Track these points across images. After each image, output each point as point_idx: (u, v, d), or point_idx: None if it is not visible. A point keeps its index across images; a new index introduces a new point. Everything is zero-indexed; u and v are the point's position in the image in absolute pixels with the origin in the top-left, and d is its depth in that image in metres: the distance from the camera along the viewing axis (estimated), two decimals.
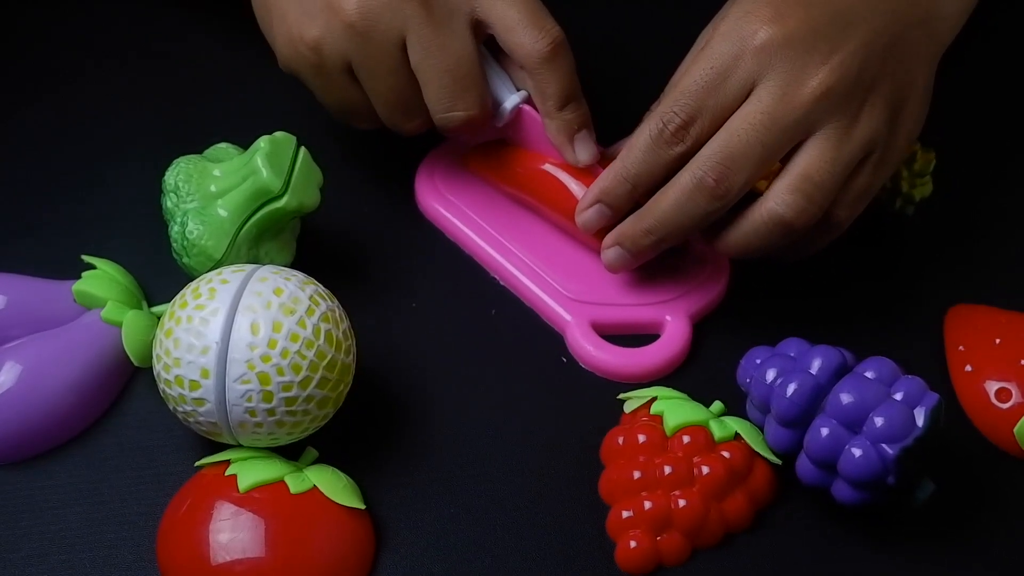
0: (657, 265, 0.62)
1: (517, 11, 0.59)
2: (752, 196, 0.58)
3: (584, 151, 0.61)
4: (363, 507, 0.55)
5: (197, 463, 0.56)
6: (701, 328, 0.62)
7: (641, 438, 0.56)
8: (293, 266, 0.60)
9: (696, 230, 0.59)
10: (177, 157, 0.61)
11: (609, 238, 0.60)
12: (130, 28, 0.73)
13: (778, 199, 0.57)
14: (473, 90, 0.59)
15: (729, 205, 0.57)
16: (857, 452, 0.52)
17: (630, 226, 0.60)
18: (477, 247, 0.64)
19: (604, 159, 0.63)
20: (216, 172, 0.60)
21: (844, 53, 0.57)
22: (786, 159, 0.57)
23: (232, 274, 0.55)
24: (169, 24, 0.72)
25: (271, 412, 0.53)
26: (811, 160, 0.57)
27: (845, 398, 0.53)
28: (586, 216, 0.61)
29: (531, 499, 0.57)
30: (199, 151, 0.62)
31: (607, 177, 0.60)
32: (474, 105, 0.59)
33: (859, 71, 0.57)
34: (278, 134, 0.59)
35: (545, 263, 0.63)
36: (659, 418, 0.57)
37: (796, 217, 0.57)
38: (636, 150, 0.58)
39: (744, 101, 0.57)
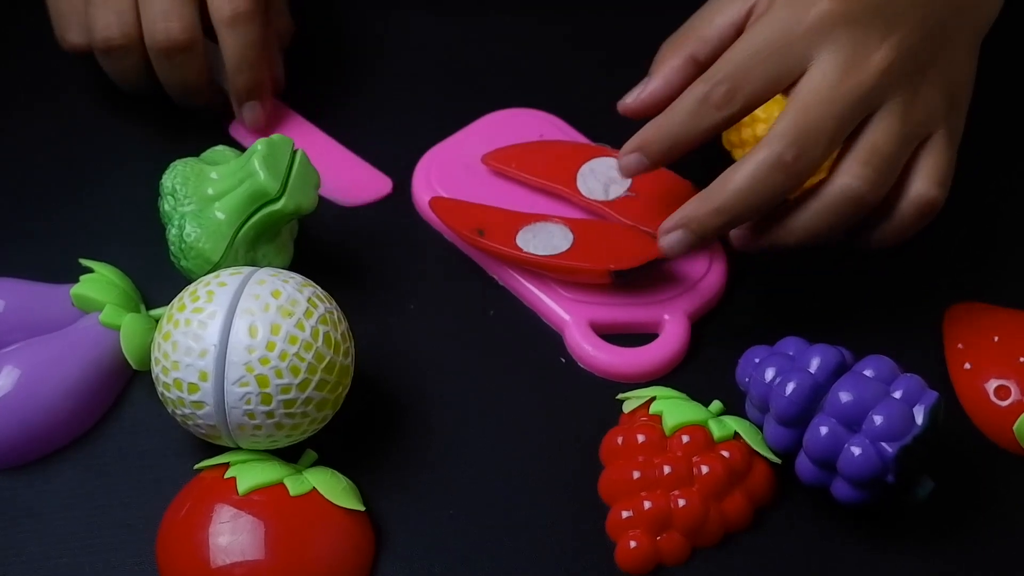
0: (655, 262, 0.62)
1: None
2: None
3: (250, 116, 0.67)
4: (362, 509, 0.55)
5: (196, 466, 0.56)
6: (699, 327, 0.62)
7: (640, 438, 0.56)
8: (291, 268, 0.60)
9: (767, 210, 0.58)
10: (174, 160, 0.61)
11: (669, 222, 0.59)
12: None
13: (851, 172, 0.57)
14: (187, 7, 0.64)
15: (803, 184, 0.57)
16: (856, 451, 0.52)
17: (696, 207, 0.58)
18: (475, 247, 0.64)
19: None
20: (213, 175, 0.60)
21: (901, 32, 0.57)
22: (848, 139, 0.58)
23: (230, 277, 0.54)
24: None
25: (270, 414, 0.53)
26: (878, 133, 0.57)
27: (844, 397, 0.53)
28: (625, 162, 0.60)
29: (530, 500, 0.57)
30: (196, 154, 0.62)
31: (650, 128, 0.59)
32: (183, 24, 0.64)
33: (916, 50, 0.57)
34: (275, 136, 0.59)
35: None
36: (658, 418, 0.57)
37: (869, 191, 0.57)
38: (681, 109, 0.58)
39: (801, 75, 0.57)
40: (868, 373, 0.54)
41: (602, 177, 0.65)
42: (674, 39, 0.62)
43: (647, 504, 0.55)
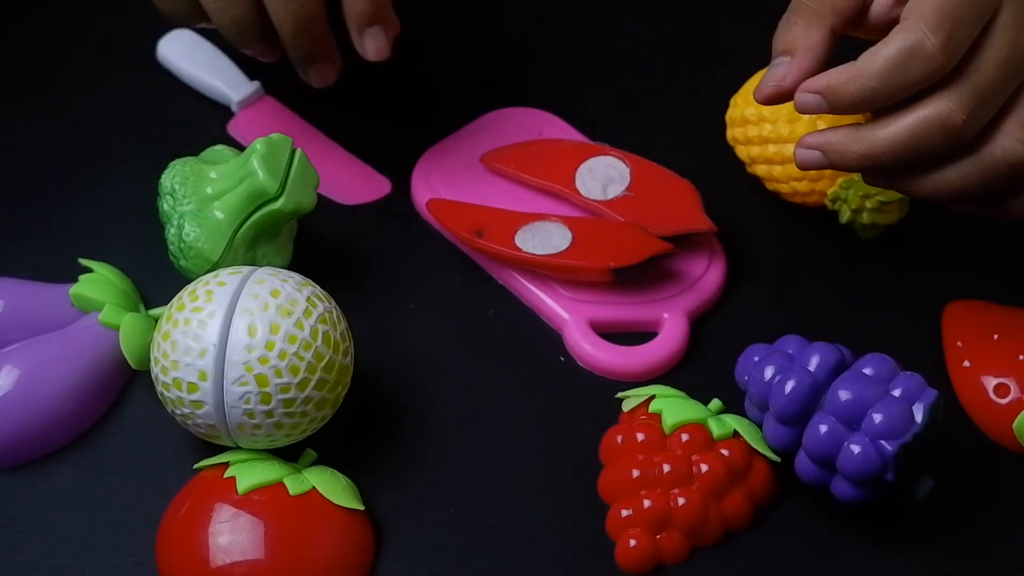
0: (654, 263, 0.62)
1: None
2: None
3: (372, 46, 0.61)
4: (362, 508, 0.55)
5: (196, 465, 0.56)
6: (699, 326, 0.62)
7: (640, 437, 0.56)
8: (290, 268, 0.60)
9: (918, 167, 0.54)
10: (173, 160, 0.61)
11: (812, 138, 0.55)
12: (126, 30, 0.73)
13: (1016, 136, 0.52)
14: None
15: (965, 144, 0.53)
16: (856, 449, 0.52)
17: (843, 139, 0.54)
18: (474, 246, 0.64)
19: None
20: (212, 174, 0.60)
21: None
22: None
23: (229, 276, 0.54)
24: (166, 26, 0.72)
25: (269, 414, 0.53)
26: None
27: (843, 395, 0.53)
28: (804, 99, 0.54)
29: (530, 499, 0.57)
30: (195, 153, 0.62)
31: (842, 76, 0.53)
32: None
33: None
34: (274, 136, 0.59)
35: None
36: (658, 416, 0.57)
37: None
38: (885, 60, 0.52)
39: (993, 17, 0.52)
40: (867, 371, 0.54)
41: (600, 176, 0.65)
42: (797, 13, 0.55)
43: (647, 503, 0.55)
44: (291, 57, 0.61)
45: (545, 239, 0.62)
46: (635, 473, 0.56)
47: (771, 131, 0.63)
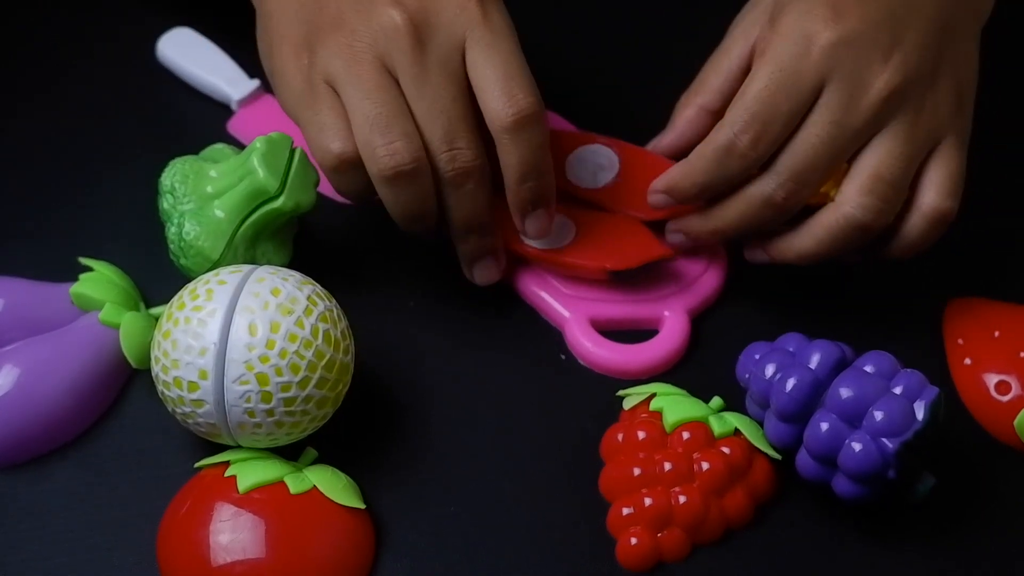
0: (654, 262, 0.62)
1: (493, 70, 0.56)
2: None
3: (534, 227, 0.59)
4: (363, 506, 0.55)
5: (196, 464, 0.56)
6: (699, 323, 0.62)
7: (641, 435, 0.56)
8: (290, 266, 0.60)
9: (760, 231, 0.60)
10: (173, 158, 0.61)
11: (673, 225, 0.62)
12: (126, 29, 0.73)
13: (853, 203, 0.57)
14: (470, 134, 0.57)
15: (790, 217, 0.59)
16: (857, 446, 0.52)
17: (696, 223, 0.61)
18: None
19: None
20: (212, 173, 0.60)
21: (905, 48, 0.57)
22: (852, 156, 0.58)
23: (229, 275, 0.54)
24: (165, 25, 0.72)
25: (270, 412, 0.53)
26: (881, 159, 0.57)
27: (844, 392, 0.53)
28: (654, 199, 0.61)
29: (531, 497, 0.57)
30: (195, 152, 0.62)
31: (677, 175, 0.60)
32: (473, 150, 0.57)
33: (919, 63, 0.57)
34: (274, 134, 0.59)
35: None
36: (658, 414, 0.57)
37: (874, 219, 0.57)
38: (706, 159, 0.58)
39: (812, 104, 0.57)
40: (869, 369, 0.54)
41: (590, 165, 0.65)
42: (687, 92, 0.64)
43: (648, 501, 0.55)
44: (459, 253, 0.61)
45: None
46: (636, 471, 0.55)
47: None
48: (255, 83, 0.69)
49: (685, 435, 0.56)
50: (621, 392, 0.59)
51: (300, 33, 0.57)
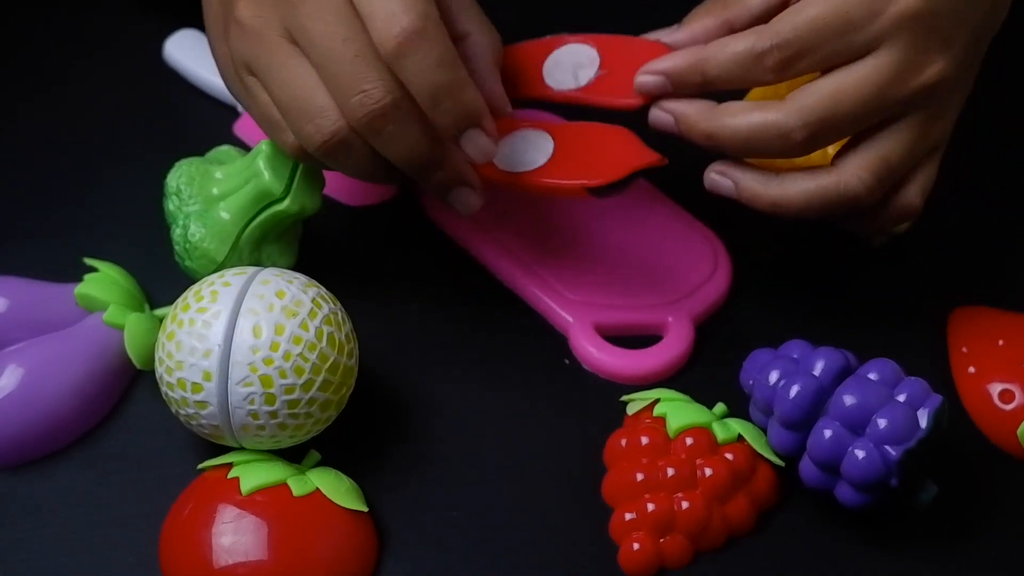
0: (659, 266, 0.62)
1: None
2: None
3: (473, 149, 0.54)
4: (366, 509, 0.55)
5: (199, 466, 0.55)
6: (704, 330, 0.62)
7: (644, 440, 0.56)
8: (296, 269, 0.60)
9: (752, 158, 0.57)
10: (179, 160, 0.61)
11: (666, 105, 0.58)
12: (133, 30, 0.73)
13: (855, 176, 0.55)
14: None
15: (792, 158, 0.57)
16: (860, 454, 0.52)
17: (694, 117, 0.57)
18: (480, 249, 0.64)
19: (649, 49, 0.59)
20: (218, 175, 0.60)
21: (956, 44, 0.55)
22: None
23: (234, 277, 0.54)
24: (173, 26, 0.72)
25: (273, 415, 0.53)
26: (895, 146, 0.56)
27: (848, 400, 0.53)
28: (644, 80, 0.58)
29: (533, 501, 0.57)
30: (201, 153, 0.62)
31: (683, 60, 0.57)
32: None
33: (960, 64, 0.56)
34: None
35: (548, 265, 0.63)
36: (662, 420, 0.57)
37: (868, 196, 0.56)
38: (726, 56, 0.55)
39: (858, 59, 0.54)
40: (872, 376, 0.54)
41: (568, 66, 0.61)
42: (713, 2, 0.59)
43: (650, 506, 0.55)
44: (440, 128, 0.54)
45: (522, 152, 0.57)
46: (639, 477, 0.55)
47: None
48: None
49: (688, 441, 0.56)
50: (625, 397, 0.59)
51: (220, 22, 0.56)
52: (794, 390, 0.54)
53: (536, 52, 0.61)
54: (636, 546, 0.55)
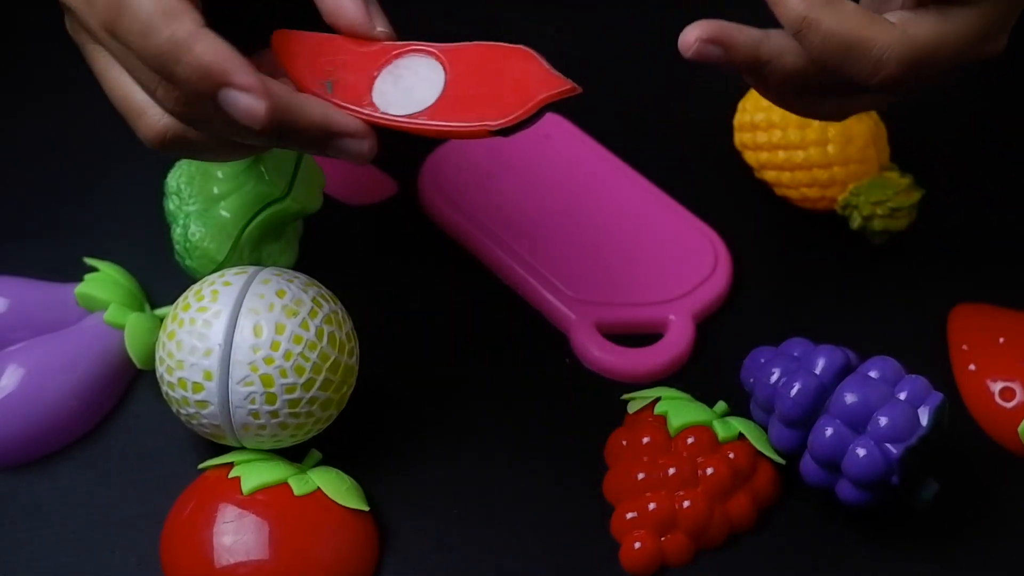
0: (659, 264, 0.62)
1: None
2: None
3: (237, 114, 0.46)
4: (367, 508, 0.55)
5: (200, 465, 0.55)
6: (705, 328, 0.62)
7: (645, 439, 0.56)
8: (296, 268, 0.60)
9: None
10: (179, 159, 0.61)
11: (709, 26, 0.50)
12: None
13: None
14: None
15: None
16: (861, 452, 0.52)
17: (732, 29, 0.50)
18: (480, 247, 0.64)
19: None
20: (218, 174, 0.60)
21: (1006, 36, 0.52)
22: None
23: (234, 276, 0.54)
24: None
25: (274, 414, 0.53)
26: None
27: (849, 398, 0.53)
28: (700, 47, 0.50)
29: (535, 500, 0.57)
30: None
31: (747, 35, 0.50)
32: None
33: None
34: None
35: (549, 263, 0.63)
36: (663, 419, 0.57)
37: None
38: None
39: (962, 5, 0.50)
40: (873, 374, 0.54)
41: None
42: None
43: (652, 505, 0.55)
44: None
45: (409, 86, 0.49)
46: (640, 475, 0.55)
47: (780, 137, 0.63)
48: None
49: (689, 439, 0.56)
50: (625, 396, 0.59)
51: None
52: (795, 388, 0.54)
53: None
54: (637, 545, 0.55)
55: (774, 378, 0.55)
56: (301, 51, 0.50)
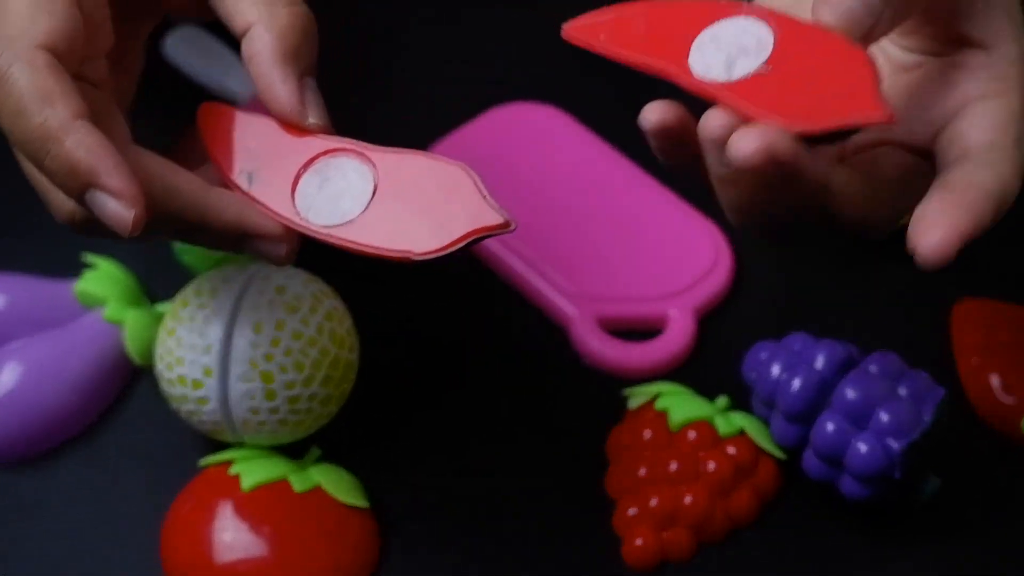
0: (660, 259, 0.62)
1: None
2: None
3: (104, 217, 0.43)
4: (367, 505, 0.55)
5: (200, 462, 0.55)
6: (706, 322, 0.62)
7: (646, 434, 0.56)
8: (296, 264, 0.60)
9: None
10: None
11: None
12: None
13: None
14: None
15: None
16: (863, 447, 0.52)
17: None
18: (480, 242, 0.64)
19: None
20: None
21: None
22: None
23: (235, 272, 0.54)
24: (173, 23, 0.72)
25: (274, 410, 0.53)
26: None
27: (851, 393, 0.53)
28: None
29: (536, 496, 0.57)
30: None
31: None
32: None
33: None
34: None
35: (549, 257, 0.63)
36: (664, 414, 0.57)
37: None
38: None
39: None
40: (875, 369, 0.54)
41: (727, 46, 0.44)
42: None
43: (653, 501, 0.55)
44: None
45: (336, 192, 0.45)
46: (642, 471, 0.55)
47: None
48: None
49: (691, 435, 0.56)
50: (627, 391, 0.59)
51: None
52: (796, 383, 0.54)
53: (695, 16, 0.45)
54: (639, 540, 0.55)
55: (776, 373, 0.55)
56: (226, 130, 0.47)
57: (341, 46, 0.63)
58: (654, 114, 0.44)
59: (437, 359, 0.61)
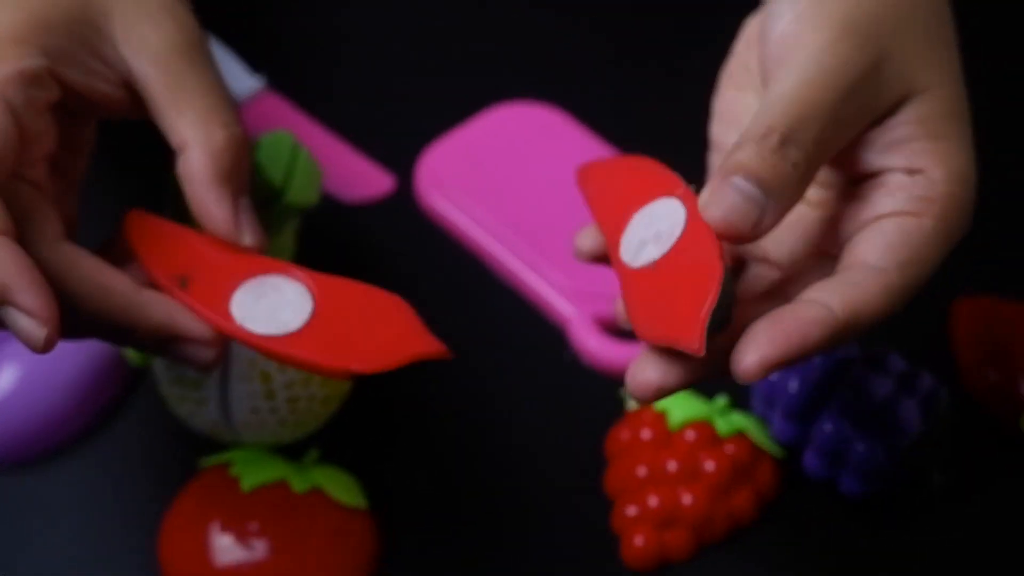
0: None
1: None
2: None
3: (17, 333, 0.41)
4: (366, 505, 0.55)
5: (199, 463, 0.55)
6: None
7: (646, 434, 0.56)
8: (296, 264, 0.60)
9: None
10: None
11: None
12: None
13: None
14: None
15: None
16: (863, 445, 0.52)
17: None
18: (478, 242, 0.64)
19: None
20: None
21: None
22: None
23: None
24: None
25: (273, 410, 0.53)
26: None
27: (851, 391, 0.53)
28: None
29: (535, 497, 0.57)
30: None
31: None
32: None
33: None
34: (278, 132, 0.59)
35: (547, 257, 0.63)
36: (663, 414, 0.56)
37: None
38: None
39: None
40: (875, 367, 0.54)
41: (653, 226, 0.43)
42: None
43: (653, 501, 0.55)
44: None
45: (273, 306, 0.45)
46: (641, 471, 0.55)
47: None
48: (259, 79, 0.69)
49: (690, 434, 0.56)
50: (625, 391, 0.59)
51: None
52: (796, 382, 0.53)
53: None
54: (638, 540, 0.55)
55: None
56: (157, 238, 0.47)
57: (341, 46, 0.63)
58: (585, 243, 0.49)
59: (435, 360, 0.61)
